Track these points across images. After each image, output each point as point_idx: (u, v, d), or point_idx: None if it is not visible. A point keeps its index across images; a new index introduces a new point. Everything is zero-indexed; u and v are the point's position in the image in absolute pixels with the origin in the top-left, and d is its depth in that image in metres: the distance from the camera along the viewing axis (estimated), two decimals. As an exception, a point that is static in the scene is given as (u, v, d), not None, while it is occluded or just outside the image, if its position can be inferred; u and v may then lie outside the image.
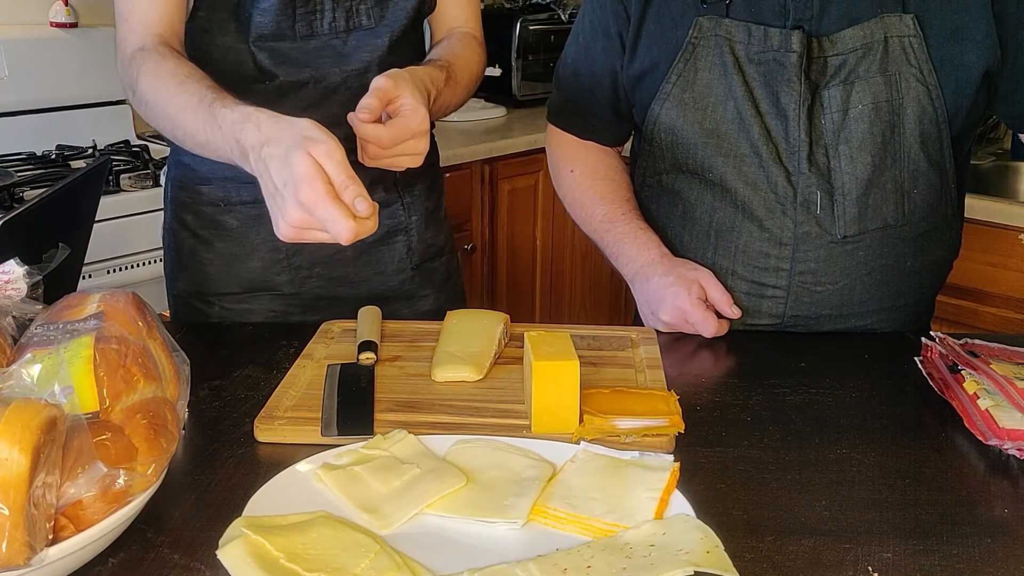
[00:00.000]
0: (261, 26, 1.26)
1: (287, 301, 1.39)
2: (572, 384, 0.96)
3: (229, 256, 1.37)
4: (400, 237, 1.41)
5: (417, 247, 1.43)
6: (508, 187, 2.83)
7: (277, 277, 1.37)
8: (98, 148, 2.37)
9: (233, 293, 1.38)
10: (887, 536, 0.83)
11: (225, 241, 1.37)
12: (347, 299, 1.38)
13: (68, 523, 0.72)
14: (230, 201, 1.35)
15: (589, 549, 0.78)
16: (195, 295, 1.40)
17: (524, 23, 3.13)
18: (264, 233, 1.35)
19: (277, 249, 1.36)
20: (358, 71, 1.31)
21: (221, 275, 1.38)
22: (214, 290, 1.38)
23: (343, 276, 1.39)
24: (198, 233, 1.38)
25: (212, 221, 1.37)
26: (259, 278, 1.37)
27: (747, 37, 1.25)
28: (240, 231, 1.36)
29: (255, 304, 1.38)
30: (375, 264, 1.41)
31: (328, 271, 1.39)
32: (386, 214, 1.39)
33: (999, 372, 1.03)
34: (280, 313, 1.39)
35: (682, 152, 1.30)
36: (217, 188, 1.35)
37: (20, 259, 0.89)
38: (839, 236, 1.25)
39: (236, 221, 1.36)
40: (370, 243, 1.39)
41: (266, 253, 1.36)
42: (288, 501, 0.84)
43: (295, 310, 1.39)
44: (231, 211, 1.36)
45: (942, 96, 1.24)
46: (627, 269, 1.35)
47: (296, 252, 1.36)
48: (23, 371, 0.77)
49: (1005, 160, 2.67)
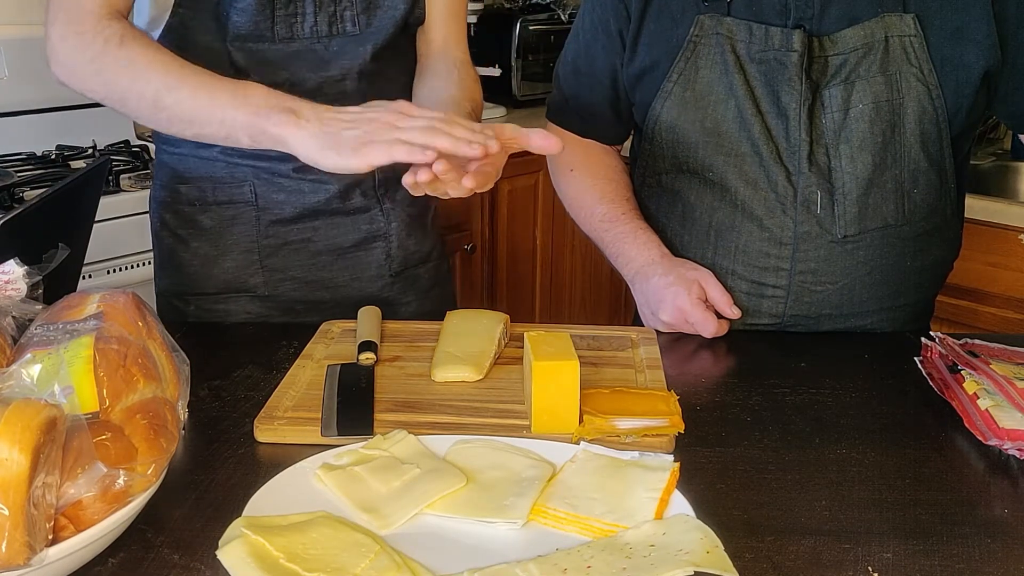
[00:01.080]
0: (239, 26, 1.25)
1: (264, 303, 1.38)
2: (572, 384, 0.96)
3: (205, 256, 1.37)
4: (379, 243, 1.40)
5: (397, 254, 1.42)
6: (508, 187, 2.83)
7: (252, 279, 1.37)
8: (98, 148, 2.36)
9: (209, 294, 1.37)
10: (887, 536, 0.83)
11: (200, 241, 1.36)
12: (325, 303, 1.38)
13: (68, 523, 0.72)
14: (205, 201, 1.35)
15: (589, 549, 0.78)
16: (175, 294, 1.40)
17: (524, 23, 3.12)
18: (238, 234, 1.35)
19: (251, 251, 1.36)
20: (336, 78, 1.30)
21: (198, 275, 1.37)
22: (191, 290, 1.38)
23: (319, 280, 1.39)
24: (177, 232, 1.37)
25: (189, 221, 1.36)
26: (234, 279, 1.37)
27: (748, 36, 1.25)
28: (215, 231, 1.36)
29: (231, 305, 1.38)
30: (352, 269, 1.40)
31: (304, 275, 1.38)
32: (364, 219, 1.38)
33: (999, 372, 1.03)
34: (256, 315, 1.38)
35: (682, 151, 1.30)
36: (193, 187, 1.35)
37: (20, 259, 0.88)
38: (839, 236, 1.25)
39: (211, 221, 1.35)
40: (346, 248, 1.38)
41: (240, 254, 1.36)
42: (288, 501, 0.84)
43: (273, 312, 1.38)
44: (207, 211, 1.35)
45: (942, 96, 1.24)
46: (627, 269, 1.35)
47: (271, 254, 1.36)
48: (23, 371, 0.77)
49: (1005, 160, 2.67)
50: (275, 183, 1.33)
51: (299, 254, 1.37)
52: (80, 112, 2.43)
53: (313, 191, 1.34)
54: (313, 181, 1.34)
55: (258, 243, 1.35)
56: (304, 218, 1.35)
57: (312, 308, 1.38)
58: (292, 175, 1.33)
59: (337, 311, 1.30)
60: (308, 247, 1.37)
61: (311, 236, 1.36)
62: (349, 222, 1.38)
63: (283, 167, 1.32)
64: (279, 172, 1.33)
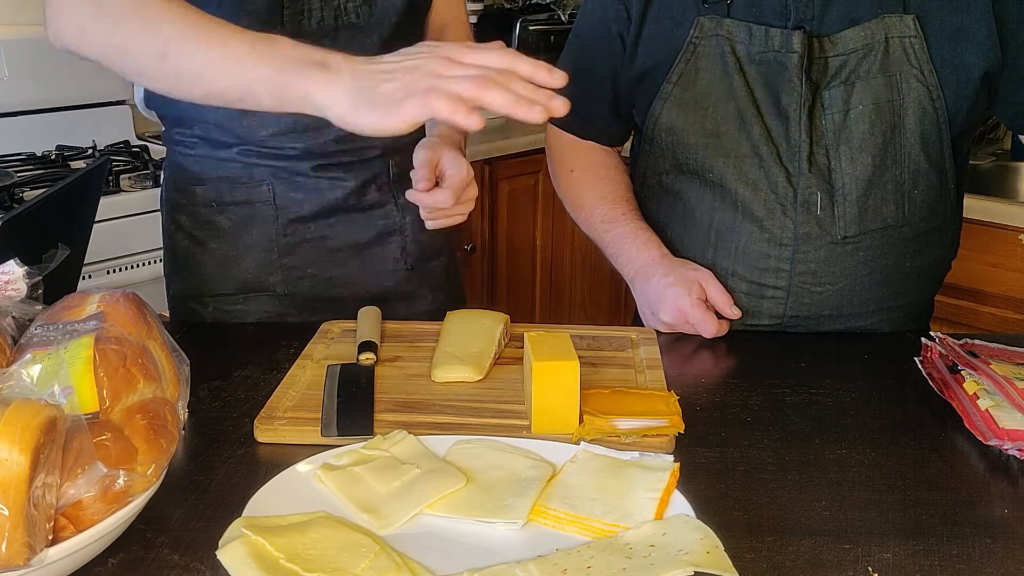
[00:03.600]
0: (249, 27, 1.24)
1: (282, 302, 1.38)
2: (572, 384, 0.96)
3: (223, 257, 1.37)
4: (395, 238, 1.41)
5: (412, 248, 1.43)
6: (508, 187, 2.83)
7: (271, 278, 1.37)
8: (98, 148, 2.36)
9: (228, 294, 1.37)
10: (887, 536, 0.83)
11: (218, 242, 1.36)
12: (343, 300, 1.38)
13: (68, 523, 0.72)
14: (223, 201, 1.35)
15: (589, 549, 0.78)
16: (191, 296, 1.40)
17: (524, 23, 3.12)
18: (256, 234, 1.35)
19: (270, 250, 1.36)
20: None
21: (215, 276, 1.37)
22: (209, 291, 1.38)
23: (337, 277, 1.39)
24: (193, 234, 1.37)
25: (206, 222, 1.36)
26: (253, 279, 1.37)
27: (748, 37, 1.25)
28: (233, 231, 1.36)
29: (250, 305, 1.38)
30: (369, 265, 1.40)
31: (322, 272, 1.38)
32: (380, 215, 1.39)
33: (999, 372, 1.03)
34: (275, 314, 1.38)
35: (682, 152, 1.30)
36: (210, 188, 1.35)
37: (20, 259, 0.88)
38: (839, 236, 1.25)
39: (229, 222, 1.35)
40: (363, 244, 1.39)
41: (259, 254, 1.36)
42: (288, 501, 0.84)
43: (291, 311, 1.39)
44: (224, 211, 1.35)
45: (943, 97, 1.24)
46: (627, 269, 1.35)
47: (289, 253, 1.36)
48: (23, 371, 0.77)
49: (1005, 160, 2.67)
50: (293, 182, 1.34)
51: (317, 251, 1.37)
52: (80, 112, 2.44)
53: (331, 188, 1.35)
54: (331, 179, 1.34)
55: (277, 242, 1.35)
56: (322, 216, 1.36)
57: (329, 305, 1.38)
58: (311, 173, 1.33)
59: (354, 307, 1.29)
60: (326, 244, 1.37)
61: (328, 233, 1.37)
62: (365, 218, 1.38)
63: (302, 166, 1.33)
64: (298, 171, 1.33)
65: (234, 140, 1.32)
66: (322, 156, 1.33)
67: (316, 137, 1.31)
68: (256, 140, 1.31)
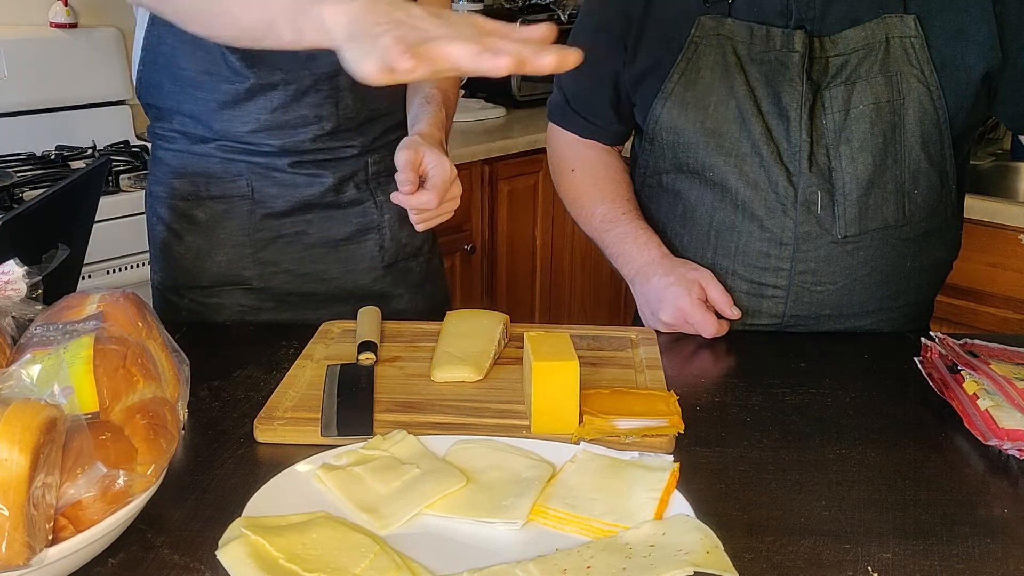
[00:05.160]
0: None
1: (257, 296, 1.39)
2: (572, 384, 0.96)
3: (198, 249, 1.37)
4: (372, 235, 1.41)
5: (390, 246, 1.43)
6: (508, 187, 2.83)
7: (245, 271, 1.38)
8: (98, 148, 2.36)
9: (203, 287, 1.38)
10: (887, 536, 0.83)
11: (194, 235, 1.37)
12: (319, 296, 1.39)
13: (68, 523, 0.72)
14: (199, 195, 1.36)
15: (589, 549, 0.78)
16: (169, 288, 1.41)
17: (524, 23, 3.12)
18: (231, 228, 1.36)
19: (243, 244, 1.36)
20: (328, 74, 1.30)
21: (191, 268, 1.38)
22: (185, 283, 1.39)
23: (312, 273, 1.40)
24: (171, 227, 1.38)
25: (183, 215, 1.37)
26: (227, 272, 1.38)
27: (749, 37, 1.25)
28: (208, 225, 1.36)
29: (225, 298, 1.38)
30: (345, 262, 1.41)
31: (297, 267, 1.39)
32: (358, 212, 1.40)
33: (999, 372, 1.03)
34: (250, 308, 1.39)
35: (683, 152, 1.30)
36: (188, 183, 1.36)
37: (20, 259, 0.89)
38: (839, 236, 1.25)
39: (204, 215, 1.36)
40: (339, 240, 1.39)
41: (232, 248, 1.37)
42: (288, 501, 0.84)
43: (266, 305, 1.39)
44: (200, 205, 1.36)
45: (943, 97, 1.24)
46: (627, 269, 1.35)
47: (263, 247, 1.37)
48: (23, 371, 0.77)
49: (1005, 160, 2.67)
50: (271, 177, 1.35)
51: (292, 247, 1.38)
52: (80, 112, 2.44)
53: (308, 184, 1.35)
54: (309, 175, 1.35)
55: (251, 236, 1.36)
56: (298, 211, 1.36)
57: (305, 301, 1.39)
58: (288, 170, 1.34)
59: (329, 304, 1.30)
60: (301, 240, 1.38)
61: (304, 229, 1.38)
62: (342, 215, 1.39)
63: (279, 162, 1.34)
64: (276, 167, 1.34)
65: (212, 135, 1.33)
66: (298, 154, 1.34)
67: (293, 136, 1.32)
68: (234, 136, 1.32)
